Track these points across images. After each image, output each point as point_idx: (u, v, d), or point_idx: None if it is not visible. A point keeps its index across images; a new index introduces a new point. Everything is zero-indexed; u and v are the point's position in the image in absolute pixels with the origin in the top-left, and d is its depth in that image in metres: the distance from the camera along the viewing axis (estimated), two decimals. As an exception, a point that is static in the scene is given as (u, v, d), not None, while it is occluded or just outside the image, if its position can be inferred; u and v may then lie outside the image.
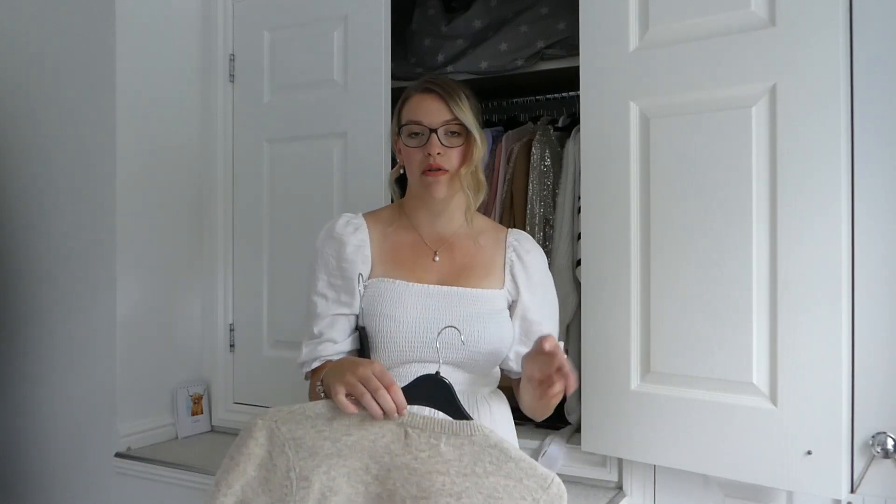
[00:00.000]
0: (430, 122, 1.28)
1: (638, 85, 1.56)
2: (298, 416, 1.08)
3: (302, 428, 1.07)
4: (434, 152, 1.27)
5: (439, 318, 1.25)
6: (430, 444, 1.06)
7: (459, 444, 1.05)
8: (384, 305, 1.27)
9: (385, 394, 1.05)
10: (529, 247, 1.38)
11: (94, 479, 2.06)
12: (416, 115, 1.30)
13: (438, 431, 1.06)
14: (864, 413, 1.37)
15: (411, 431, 1.07)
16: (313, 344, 1.30)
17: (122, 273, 2.03)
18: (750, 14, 1.43)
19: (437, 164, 1.27)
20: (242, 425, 1.11)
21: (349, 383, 1.06)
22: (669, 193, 1.52)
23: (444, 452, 1.05)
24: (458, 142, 1.30)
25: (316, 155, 2.08)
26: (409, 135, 1.30)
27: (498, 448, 1.04)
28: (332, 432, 1.07)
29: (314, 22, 2.08)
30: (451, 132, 1.29)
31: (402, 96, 1.36)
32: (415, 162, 1.30)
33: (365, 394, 1.05)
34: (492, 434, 1.06)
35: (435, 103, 1.29)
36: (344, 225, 1.34)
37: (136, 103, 2.06)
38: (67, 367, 2.11)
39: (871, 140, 1.38)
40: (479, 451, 1.04)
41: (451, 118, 1.28)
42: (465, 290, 1.29)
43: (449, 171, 1.29)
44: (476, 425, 1.07)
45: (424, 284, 1.29)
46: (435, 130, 1.27)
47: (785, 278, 1.39)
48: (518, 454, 1.05)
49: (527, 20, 2.12)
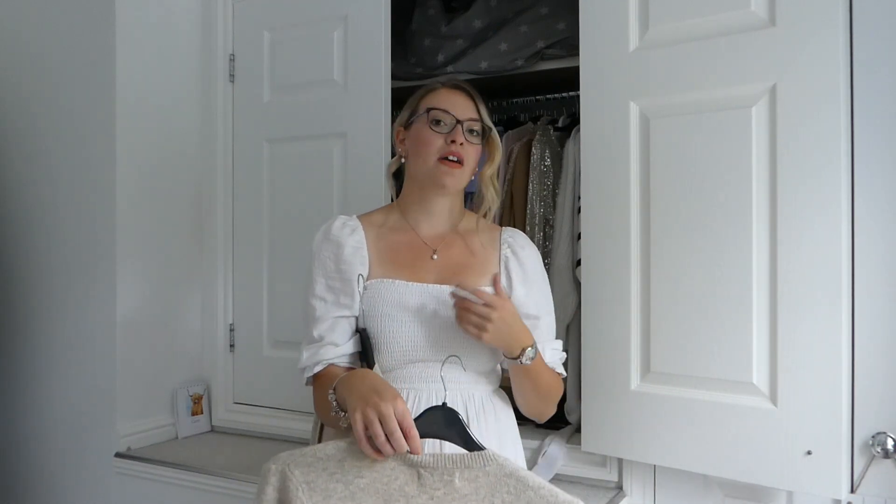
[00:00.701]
0: (458, 114, 1.30)
1: (638, 85, 1.56)
2: (310, 458, 1.07)
3: (314, 471, 1.06)
4: (459, 140, 1.28)
5: (440, 317, 1.26)
6: (444, 481, 1.04)
7: (474, 477, 1.03)
8: (385, 306, 1.27)
9: (401, 438, 1.04)
10: (523, 243, 1.39)
11: (94, 479, 2.06)
12: (444, 104, 1.31)
13: (451, 467, 1.04)
14: (864, 413, 1.37)
15: (423, 471, 1.05)
16: (314, 348, 1.29)
17: (122, 273, 2.03)
18: (750, 14, 1.43)
19: (458, 152, 1.28)
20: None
21: (368, 419, 1.05)
22: (669, 193, 1.52)
23: (459, 488, 1.03)
24: (477, 140, 1.33)
25: (316, 155, 2.08)
26: (432, 120, 1.30)
27: (514, 477, 1.03)
28: (343, 474, 1.05)
29: (314, 22, 2.08)
30: (472, 130, 1.31)
31: (424, 89, 1.37)
32: (433, 147, 1.29)
33: (380, 436, 1.04)
34: (507, 463, 1.05)
35: (463, 100, 1.33)
36: (340, 227, 1.34)
37: (136, 103, 2.06)
38: (67, 367, 2.11)
39: (871, 140, 1.38)
40: (494, 482, 1.03)
41: (476, 117, 1.32)
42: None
43: (464, 167, 1.30)
44: (489, 455, 1.05)
45: (424, 284, 1.29)
46: (461, 122, 1.30)
47: (785, 278, 1.39)
48: (536, 482, 1.03)
49: (527, 20, 2.12)
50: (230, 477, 1.86)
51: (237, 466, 1.89)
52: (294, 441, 2.04)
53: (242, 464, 1.91)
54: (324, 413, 1.24)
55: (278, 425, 2.10)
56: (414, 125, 1.33)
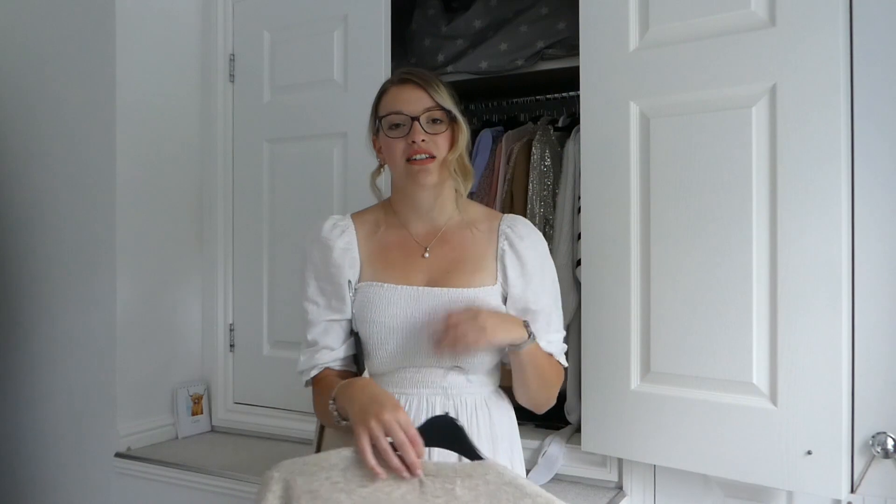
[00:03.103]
0: (410, 111, 1.25)
1: (638, 85, 1.56)
2: (313, 467, 1.07)
3: (317, 480, 1.06)
4: (418, 139, 1.23)
5: (429, 321, 1.23)
6: (445, 490, 1.05)
7: (474, 486, 1.04)
8: (373, 311, 1.25)
9: (410, 451, 1.04)
10: (523, 232, 1.32)
11: (94, 479, 2.06)
12: (395, 105, 1.26)
13: (452, 475, 1.06)
14: (864, 413, 1.37)
15: (425, 479, 1.06)
16: (310, 352, 1.29)
17: (121, 273, 2.03)
18: (750, 14, 1.43)
19: (423, 149, 1.24)
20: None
21: (372, 432, 1.05)
22: (669, 193, 1.52)
23: (459, 496, 1.04)
24: (441, 128, 1.26)
25: (316, 155, 2.08)
26: (389, 126, 1.27)
27: (513, 485, 1.04)
28: (346, 484, 1.06)
29: (314, 22, 2.09)
30: (434, 119, 1.26)
31: (379, 91, 1.33)
32: (398, 152, 1.26)
33: (388, 451, 1.04)
34: (506, 471, 1.06)
35: (415, 92, 1.26)
36: (330, 228, 1.32)
37: (135, 103, 2.06)
38: (67, 366, 2.11)
39: (871, 140, 1.38)
40: (494, 490, 1.04)
41: (433, 105, 1.25)
42: (456, 290, 1.25)
43: (437, 158, 1.25)
44: (489, 464, 1.06)
45: (413, 287, 1.26)
46: (417, 118, 1.24)
47: (785, 278, 1.39)
48: (534, 489, 1.05)
49: (527, 20, 2.12)
50: (230, 477, 1.86)
51: (237, 466, 1.90)
52: (294, 441, 2.04)
53: (242, 464, 1.91)
54: (324, 417, 1.24)
55: (278, 425, 2.11)
56: (380, 133, 1.30)
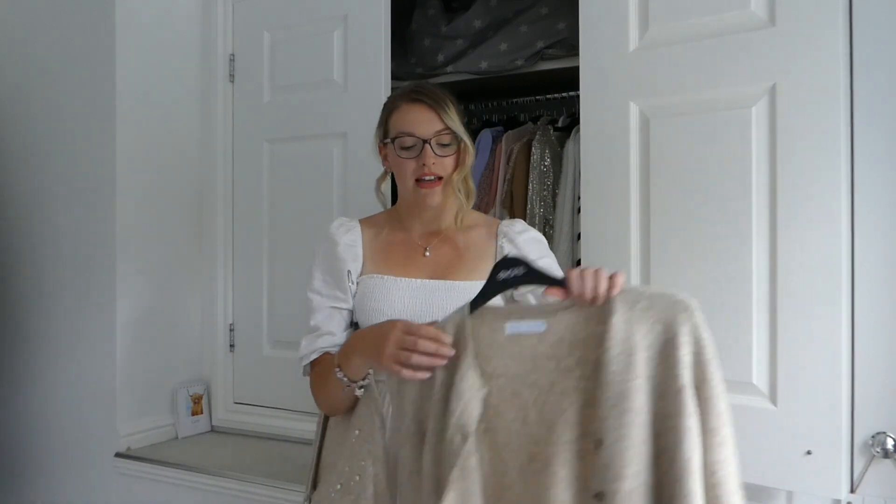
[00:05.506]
0: (422, 133, 1.29)
1: (638, 85, 1.56)
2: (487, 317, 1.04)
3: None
4: (429, 162, 1.28)
5: (429, 312, 1.26)
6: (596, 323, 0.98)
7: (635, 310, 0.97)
8: (374, 300, 1.30)
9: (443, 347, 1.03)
10: (521, 228, 1.37)
11: (94, 479, 2.06)
12: (406, 126, 1.30)
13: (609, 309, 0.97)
14: (864, 413, 1.37)
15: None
16: (312, 337, 1.32)
17: (122, 273, 2.03)
18: (750, 14, 1.43)
19: (431, 171, 1.29)
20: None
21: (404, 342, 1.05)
22: (669, 193, 1.52)
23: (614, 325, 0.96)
24: (450, 151, 1.31)
25: (316, 155, 2.08)
26: (401, 147, 1.31)
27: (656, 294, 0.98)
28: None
29: (314, 22, 2.08)
30: (443, 143, 1.30)
31: (388, 105, 1.36)
32: (408, 171, 1.31)
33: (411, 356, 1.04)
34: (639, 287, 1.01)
35: (426, 113, 1.30)
36: (337, 226, 1.38)
37: (135, 103, 2.07)
38: (67, 367, 2.11)
39: (871, 140, 1.38)
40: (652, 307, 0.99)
41: (443, 128, 1.29)
42: (456, 282, 1.30)
43: (443, 179, 1.31)
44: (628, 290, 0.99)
45: (414, 279, 1.31)
46: (428, 141, 1.28)
47: (785, 278, 1.39)
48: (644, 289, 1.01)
49: (527, 20, 2.12)
50: (230, 477, 1.86)
51: (237, 466, 1.90)
52: (294, 441, 2.04)
53: (242, 464, 1.92)
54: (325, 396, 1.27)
55: (278, 425, 2.11)
56: (388, 146, 1.34)
